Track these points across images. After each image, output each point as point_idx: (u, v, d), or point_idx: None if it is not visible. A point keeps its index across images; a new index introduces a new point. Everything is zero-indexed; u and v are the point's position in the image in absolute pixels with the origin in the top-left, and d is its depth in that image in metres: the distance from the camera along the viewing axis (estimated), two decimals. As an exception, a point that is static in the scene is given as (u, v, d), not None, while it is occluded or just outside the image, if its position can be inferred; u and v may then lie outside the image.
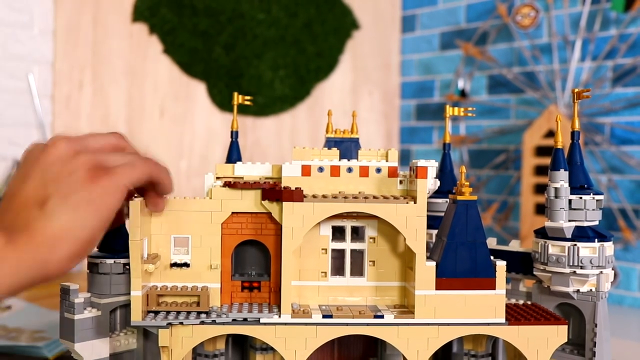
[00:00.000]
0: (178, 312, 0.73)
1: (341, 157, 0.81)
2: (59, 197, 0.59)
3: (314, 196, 0.75)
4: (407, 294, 0.78)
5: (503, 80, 2.65)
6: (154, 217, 0.76)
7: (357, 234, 0.79)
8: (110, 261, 0.76)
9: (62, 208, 0.59)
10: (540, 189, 2.32)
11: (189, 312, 0.73)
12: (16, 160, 1.86)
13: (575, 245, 0.77)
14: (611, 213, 2.28)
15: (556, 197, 0.78)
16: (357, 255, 0.79)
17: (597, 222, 0.80)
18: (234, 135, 0.88)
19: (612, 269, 0.79)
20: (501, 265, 0.75)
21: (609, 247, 0.78)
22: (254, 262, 0.80)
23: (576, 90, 0.81)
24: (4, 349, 1.02)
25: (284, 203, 0.73)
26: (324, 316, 0.73)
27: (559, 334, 0.75)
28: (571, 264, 0.77)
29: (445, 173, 0.88)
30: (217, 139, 2.36)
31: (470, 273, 0.74)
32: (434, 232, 0.81)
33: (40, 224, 0.58)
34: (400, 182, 0.79)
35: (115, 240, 0.77)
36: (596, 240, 0.77)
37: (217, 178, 0.80)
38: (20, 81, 1.88)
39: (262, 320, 0.73)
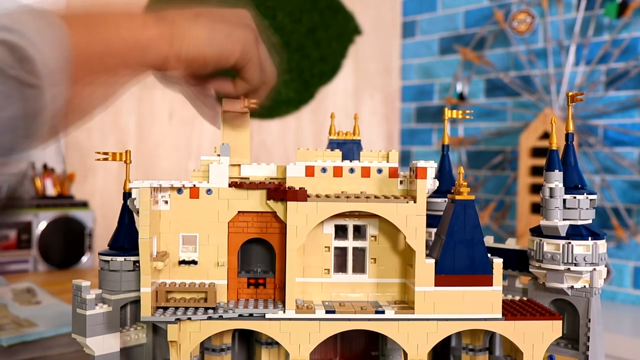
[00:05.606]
0: (186, 308, 0.75)
1: (343, 158, 0.82)
2: (212, 21, 0.71)
3: (317, 196, 0.77)
4: (407, 290, 0.80)
5: (500, 83, 2.67)
6: (163, 216, 0.78)
7: (359, 232, 0.81)
8: (120, 259, 0.78)
9: (206, 26, 0.70)
10: (536, 188, 2.35)
11: (196, 308, 0.75)
12: (31, 162, 1.87)
13: (570, 243, 0.79)
14: (604, 212, 2.30)
15: (551, 196, 0.79)
16: (359, 252, 0.81)
17: (590, 221, 0.81)
18: (240, 137, 0.89)
19: (605, 266, 0.81)
20: (498, 262, 0.77)
21: (602, 245, 0.80)
22: (260, 259, 0.81)
23: (570, 93, 0.82)
24: None
25: (288, 202, 0.75)
26: (327, 312, 0.75)
27: (553, 328, 0.77)
28: (565, 261, 0.79)
29: (444, 173, 0.90)
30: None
31: (468, 270, 0.76)
32: (433, 230, 0.83)
33: (184, 24, 0.69)
34: (401, 182, 0.80)
35: (125, 239, 0.79)
36: (590, 238, 0.79)
37: (224, 178, 0.82)
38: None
39: (267, 316, 0.75)
